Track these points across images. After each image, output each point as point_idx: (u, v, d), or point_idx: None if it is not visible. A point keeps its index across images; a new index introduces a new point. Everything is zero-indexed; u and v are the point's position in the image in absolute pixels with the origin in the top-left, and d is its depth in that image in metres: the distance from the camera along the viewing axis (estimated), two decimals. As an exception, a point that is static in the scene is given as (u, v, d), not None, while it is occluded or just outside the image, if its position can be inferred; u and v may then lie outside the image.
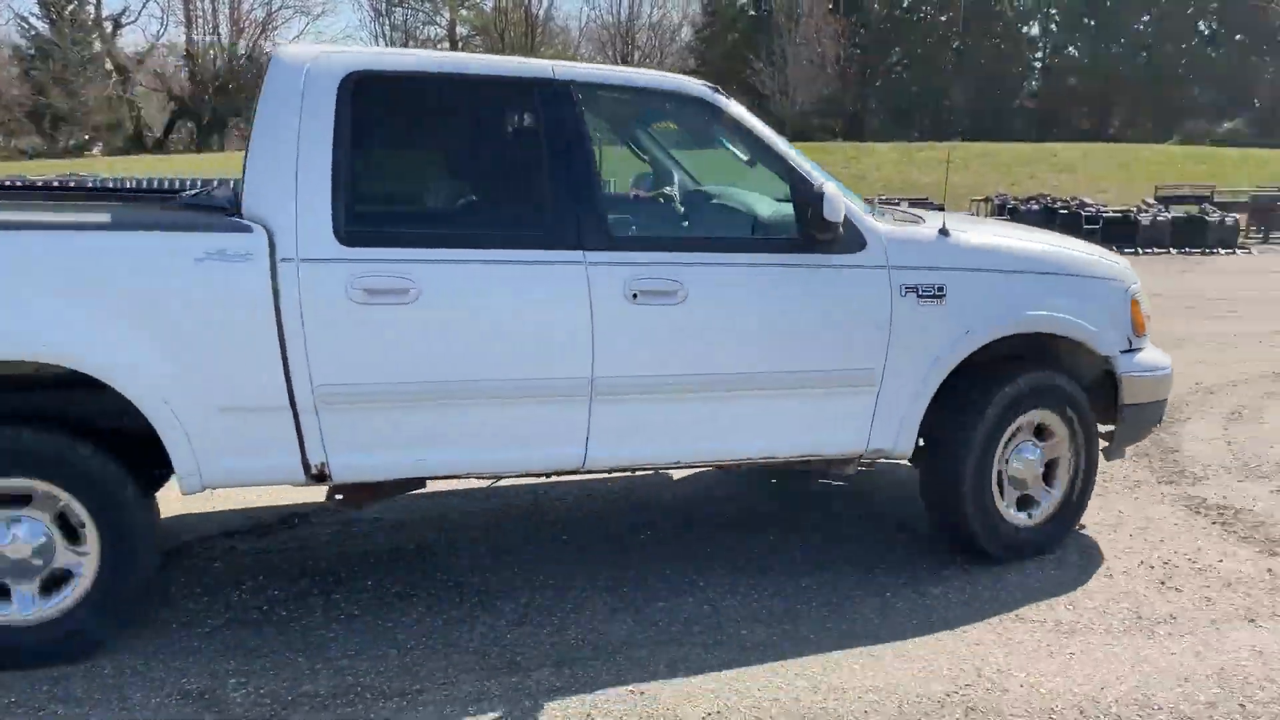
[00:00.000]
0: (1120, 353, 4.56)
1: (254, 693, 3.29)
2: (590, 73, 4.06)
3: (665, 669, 3.48)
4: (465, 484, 5.45)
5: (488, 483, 4.98)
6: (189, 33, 53.63)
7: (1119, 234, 20.54)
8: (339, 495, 3.92)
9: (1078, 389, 4.54)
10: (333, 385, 3.54)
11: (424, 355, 3.62)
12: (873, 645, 3.69)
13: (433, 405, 3.67)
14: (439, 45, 61.21)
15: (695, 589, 4.15)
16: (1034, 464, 4.52)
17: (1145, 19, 66.94)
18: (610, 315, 3.78)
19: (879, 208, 4.44)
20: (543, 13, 62.19)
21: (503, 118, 4.08)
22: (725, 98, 4.20)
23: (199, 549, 4.51)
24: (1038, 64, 70.40)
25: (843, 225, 4.01)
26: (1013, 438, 4.47)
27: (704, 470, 5.74)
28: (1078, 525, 4.78)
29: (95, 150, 45.89)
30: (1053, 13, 69.28)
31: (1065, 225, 19.51)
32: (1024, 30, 69.69)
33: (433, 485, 5.41)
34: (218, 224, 3.49)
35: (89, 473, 3.40)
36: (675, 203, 4.59)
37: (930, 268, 4.20)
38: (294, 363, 3.49)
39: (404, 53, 4.15)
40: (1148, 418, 4.74)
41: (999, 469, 4.43)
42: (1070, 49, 69.19)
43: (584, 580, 4.22)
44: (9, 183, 5.14)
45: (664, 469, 4.50)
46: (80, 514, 3.42)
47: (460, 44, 60.49)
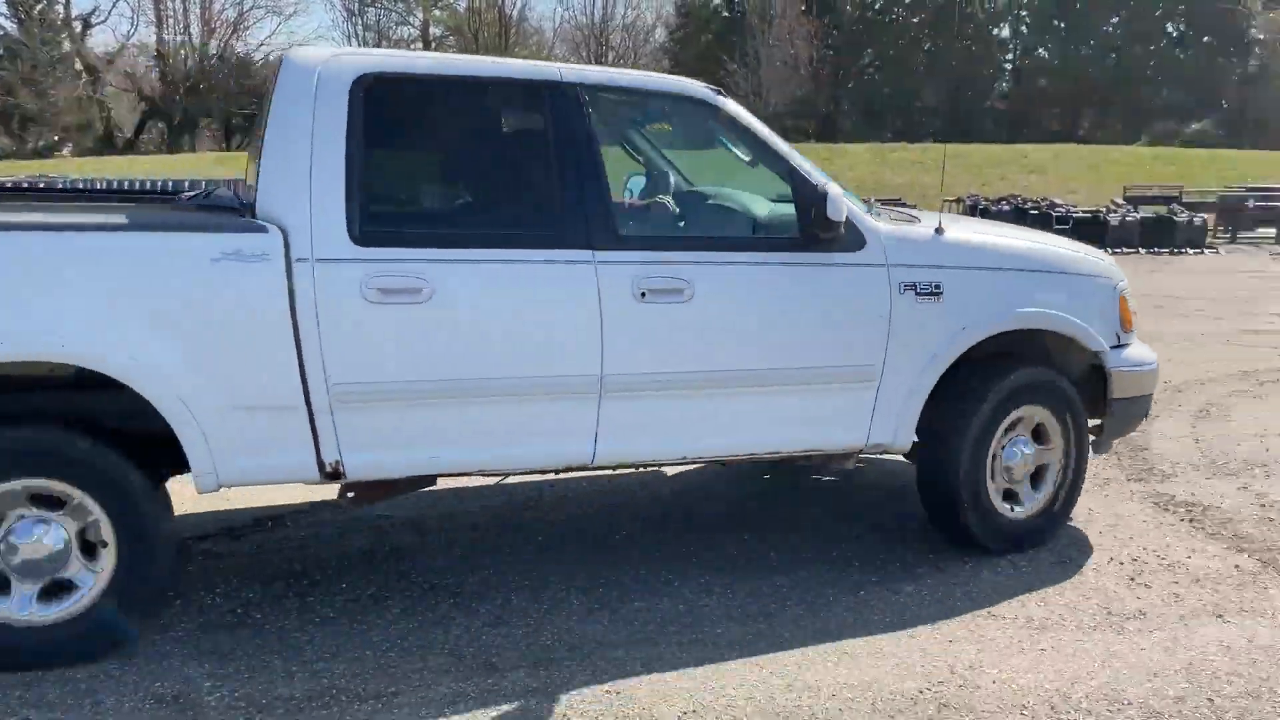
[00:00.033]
0: (1110, 348, 4.66)
1: (228, 696, 3.27)
2: (597, 75, 4.14)
3: (641, 668, 3.50)
4: (439, 486, 5.44)
5: (494, 480, 5.00)
6: (159, 32, 53.18)
7: (1088, 234, 20.68)
8: (351, 493, 3.95)
9: (1069, 384, 4.64)
10: (347, 384, 3.57)
11: (437, 354, 3.67)
12: (847, 643, 3.71)
13: (445, 403, 3.72)
14: (412, 45, 60.95)
15: (671, 589, 4.16)
16: (1027, 458, 4.61)
17: (1114, 21, 67.53)
18: (619, 314, 3.84)
19: (875, 207, 4.53)
20: (516, 13, 62.07)
21: (512, 119, 4.15)
22: (727, 99, 4.28)
23: (172, 552, 4.48)
24: (1008, 65, 70.88)
25: (843, 225, 4.09)
26: (1007, 432, 4.56)
27: (679, 470, 5.76)
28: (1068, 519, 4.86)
29: (65, 151, 45.42)
30: (1023, 15, 69.80)
31: (1035, 225, 19.65)
32: (995, 32, 70.13)
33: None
34: (233, 224, 3.53)
35: (106, 473, 3.41)
36: (679, 203, 4.63)
37: (927, 266, 4.29)
38: (309, 362, 3.52)
39: (414, 55, 4.22)
40: (1135, 411, 4.86)
41: (993, 463, 4.52)
42: (1040, 51, 69.72)
43: (560, 581, 4.22)
44: (7, 184, 5.11)
45: (670, 465, 4.60)
46: (96, 513, 3.42)
47: (434, 44, 60.25)
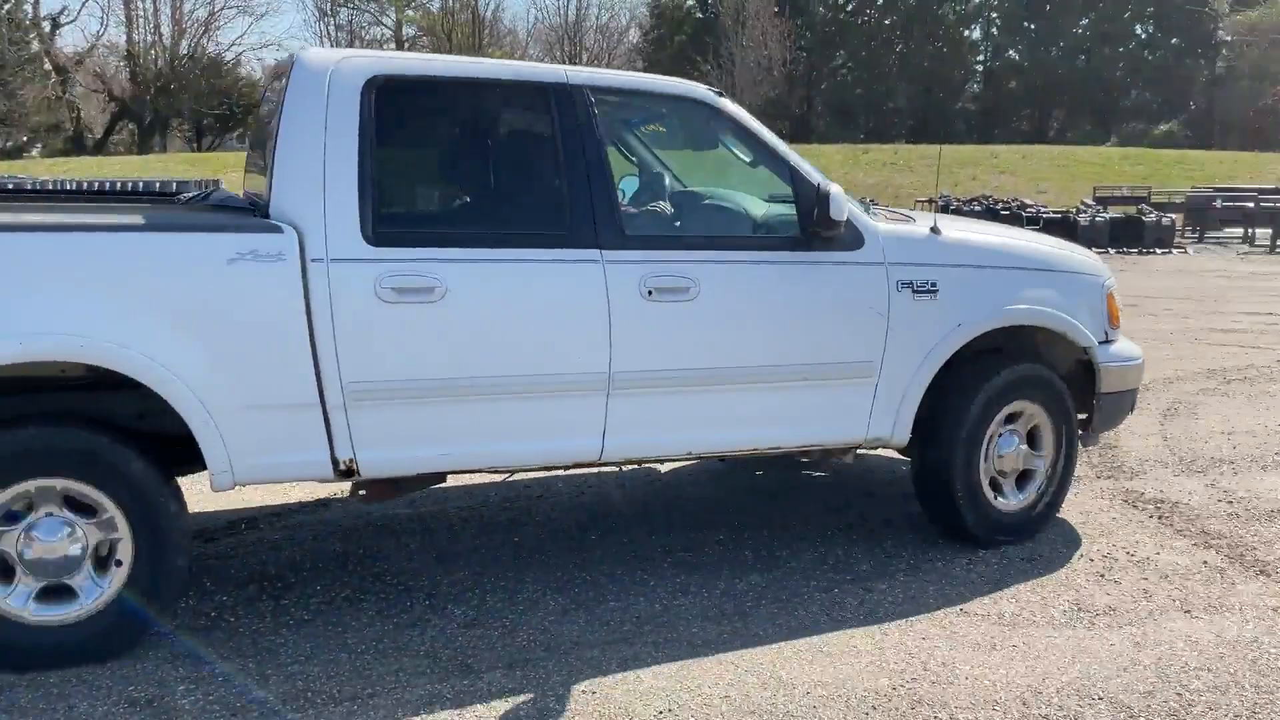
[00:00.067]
0: (1098, 344, 4.77)
1: (203, 699, 3.26)
2: (602, 77, 4.22)
3: (617, 668, 3.51)
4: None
5: (501, 477, 4.99)
6: (129, 32, 52.69)
7: (1058, 234, 20.68)
8: (363, 490, 3.99)
9: (1058, 379, 4.74)
10: (362, 382, 3.61)
11: (450, 353, 3.72)
12: (821, 640, 3.73)
13: (457, 401, 3.77)
14: (385, 45, 60.71)
15: (647, 588, 4.18)
16: (1019, 452, 4.71)
17: (1084, 23, 68.13)
18: (627, 312, 3.91)
19: (872, 207, 4.61)
20: (490, 14, 61.94)
21: (520, 121, 4.21)
22: (728, 101, 4.36)
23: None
24: (979, 67, 71.38)
25: (844, 224, 4.17)
26: (999, 427, 4.65)
27: (653, 470, 5.78)
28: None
29: (34, 152, 44.98)
30: (994, 17, 70.33)
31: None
32: (965, 34, 70.61)
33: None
34: (248, 225, 3.56)
35: (126, 472, 3.42)
36: (675, 203, 4.67)
37: (924, 264, 4.39)
38: (323, 361, 3.55)
39: (423, 57, 4.27)
40: (1122, 405, 4.99)
41: (987, 457, 4.62)
42: (1010, 52, 70.25)
43: (535, 582, 4.23)
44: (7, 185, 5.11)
45: (675, 460, 4.66)
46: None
47: (406, 44, 60.02)
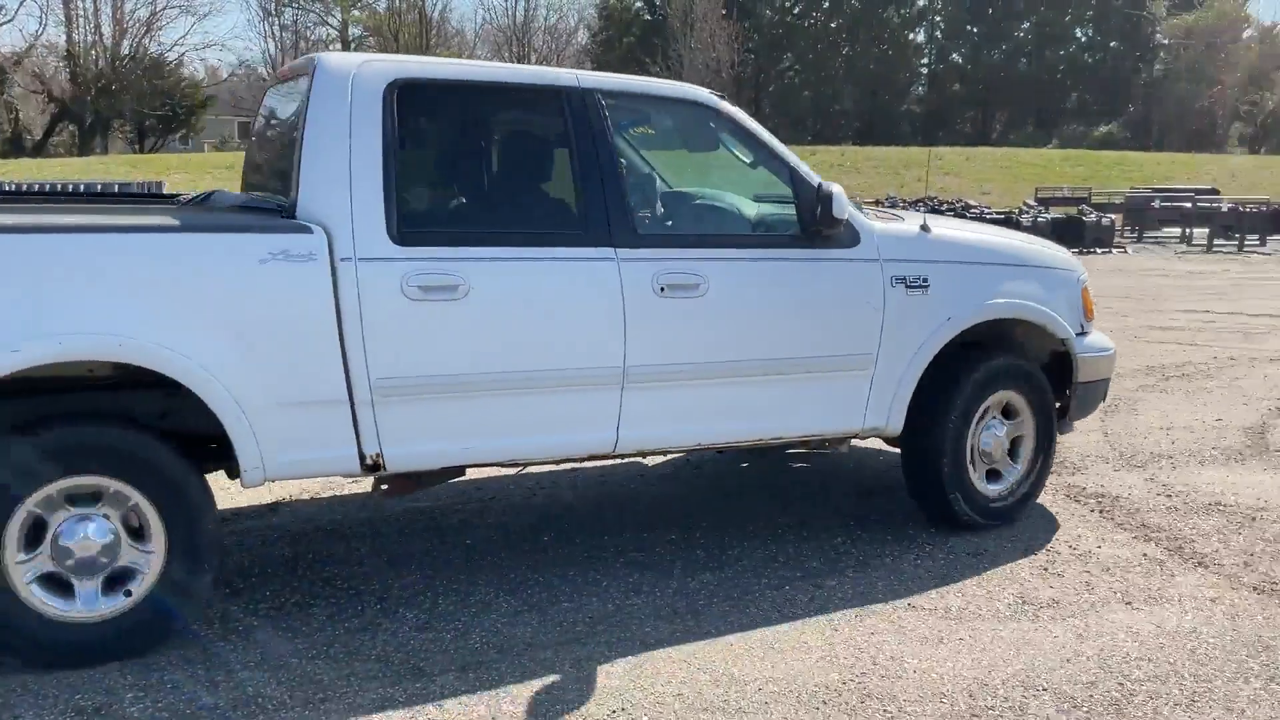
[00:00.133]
0: (1075, 335, 4.99)
1: (151, 707, 3.21)
2: (610, 81, 4.33)
3: (570, 668, 3.51)
4: (363, 490, 5.41)
5: (515, 470, 5.02)
6: (69, 32, 51.79)
7: (1003, 235, 21.20)
8: (384, 486, 4.05)
9: (1039, 371, 4.95)
10: (389, 379, 3.69)
11: (473, 349, 3.82)
12: (772, 638, 3.77)
13: (480, 396, 3.87)
14: (331, 46, 60.16)
15: (599, 589, 4.19)
16: (1002, 439, 4.91)
17: (1025, 26, 69.22)
18: (640, 308, 4.04)
19: (863, 207, 4.76)
20: (437, 14, 61.61)
21: (534, 123, 4.31)
22: (730, 105, 4.50)
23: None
24: (924, 70, 72.22)
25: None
26: (983, 416, 4.83)
27: (605, 470, 5.79)
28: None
29: (-31, 153, 43.96)
30: (937, 20, 71.19)
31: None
32: (910, 37, 71.42)
33: (332, 493, 5.38)
34: (279, 225, 3.62)
35: (163, 470, 3.46)
36: (667, 203, 4.74)
37: (915, 261, 4.59)
38: (352, 358, 3.63)
39: (439, 61, 4.37)
40: (1096, 394, 5.25)
41: (973, 445, 4.81)
42: (954, 55, 71.21)
43: (487, 584, 4.22)
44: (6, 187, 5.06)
45: (685, 451, 4.78)
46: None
47: (353, 45, 59.53)
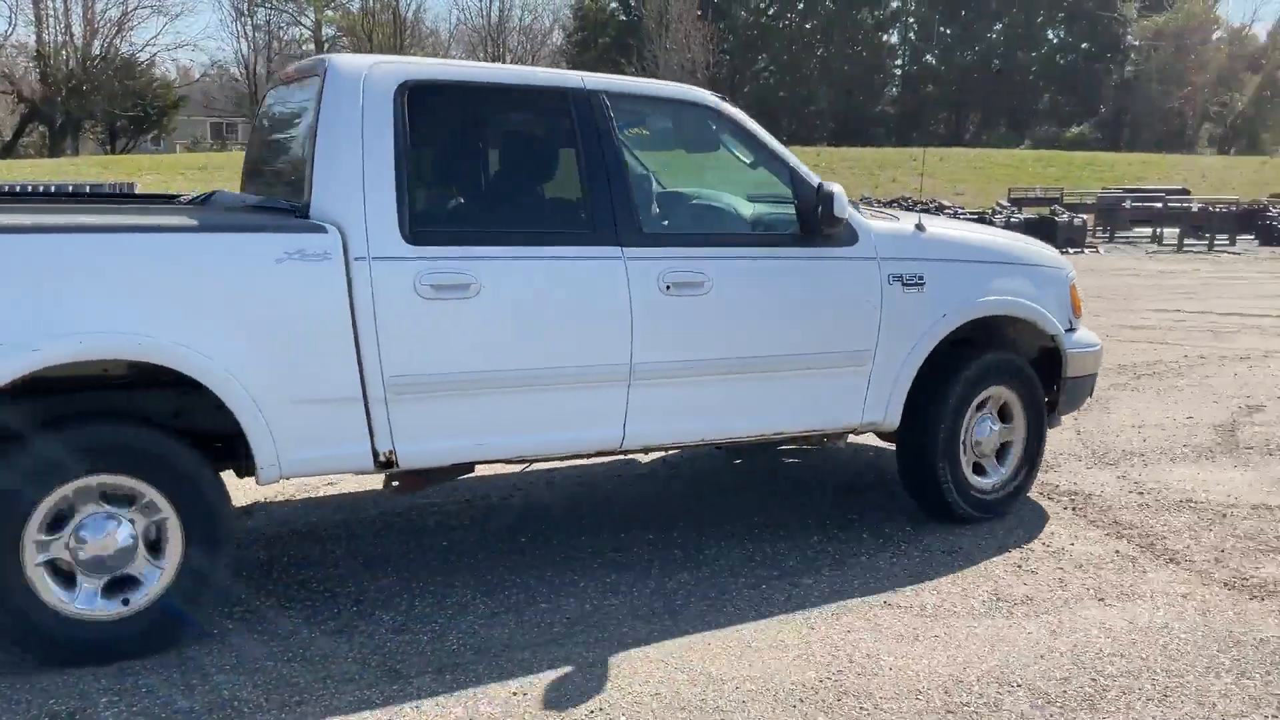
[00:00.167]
0: (1064, 332, 5.10)
1: (126, 711, 3.19)
2: (614, 83, 4.38)
3: (548, 669, 3.51)
4: (336, 491, 5.39)
5: (520, 467, 5.05)
6: (39, 32, 51.26)
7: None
8: (395, 483, 4.10)
9: (1029, 366, 5.06)
10: (402, 376, 3.74)
11: (484, 347, 3.87)
12: (750, 636, 3.78)
13: (491, 393, 3.93)
14: (303, 46, 59.87)
15: (576, 589, 4.19)
16: (995, 434, 5.04)
17: (998, 28, 69.64)
18: (646, 306, 4.11)
19: (859, 206, 4.83)
20: (411, 14, 61.41)
21: (542, 123, 4.36)
22: (732, 106, 4.56)
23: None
24: (897, 71, 72.56)
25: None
26: (976, 411, 4.92)
27: (583, 470, 5.79)
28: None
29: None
30: (911, 22, 71.55)
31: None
32: (884, 38, 71.74)
33: (307, 495, 5.35)
34: (294, 225, 3.66)
35: (183, 469, 3.50)
36: (662, 203, 4.76)
37: (911, 259, 4.70)
38: (366, 356, 3.68)
39: (447, 63, 4.43)
40: (1084, 389, 5.37)
41: (966, 439, 4.93)
42: (928, 57, 71.57)
43: (464, 586, 4.22)
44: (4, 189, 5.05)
45: (689, 447, 4.83)
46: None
47: (326, 45, 59.27)
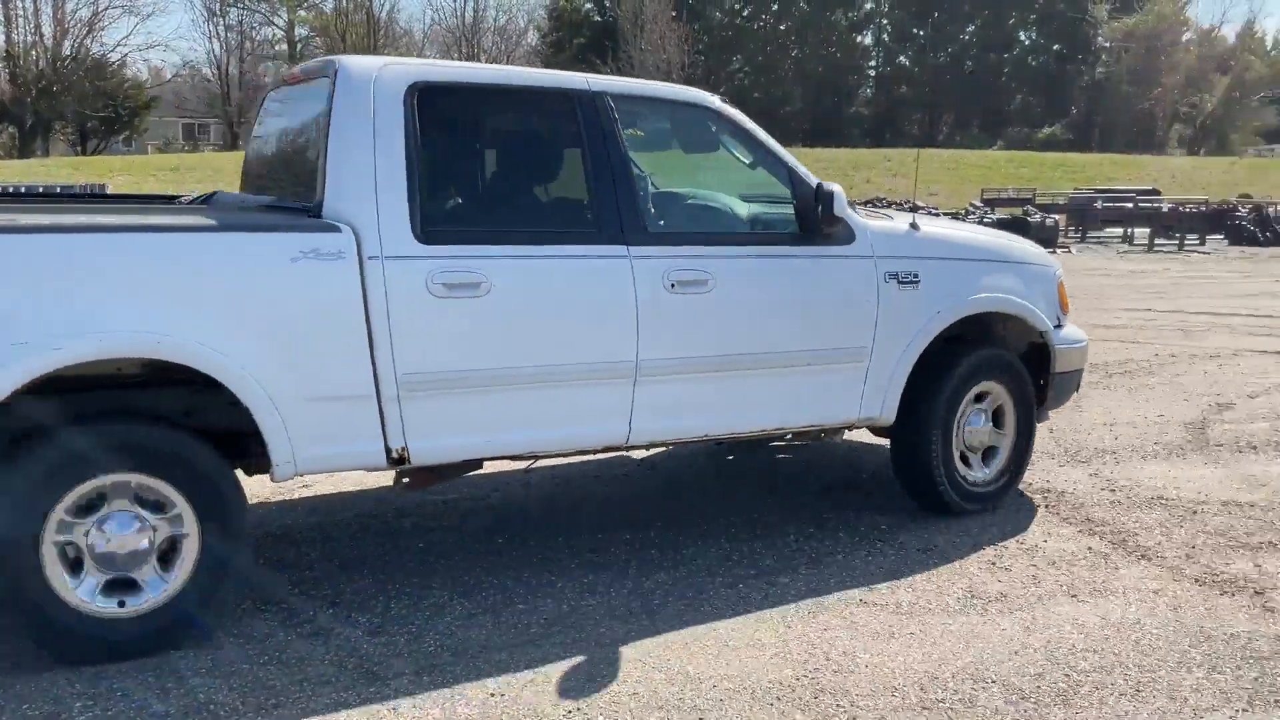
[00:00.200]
0: (1053, 328, 5.26)
1: (101, 716, 3.17)
2: (618, 84, 4.46)
3: (525, 670, 3.51)
4: (312, 494, 5.37)
5: (523, 465, 5.07)
6: (9, 33, 50.71)
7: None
8: (405, 479, 4.16)
9: (1019, 362, 5.17)
10: (414, 374, 3.79)
11: (494, 344, 3.93)
12: (727, 635, 3.79)
13: (500, 390, 3.99)
14: (276, 46, 59.53)
15: (554, 590, 4.19)
16: (986, 429, 5.17)
17: (970, 29, 70.03)
18: (652, 303, 4.18)
19: (855, 206, 4.91)
20: (385, 14, 61.16)
21: (548, 124, 4.41)
22: (732, 108, 4.63)
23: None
24: (871, 72, 72.86)
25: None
26: (968, 406, 5.04)
27: (560, 470, 5.79)
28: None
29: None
30: (884, 23, 71.87)
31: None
32: (858, 39, 72.01)
33: (282, 498, 5.32)
34: (309, 224, 3.70)
35: (201, 467, 3.55)
36: (658, 203, 4.79)
37: (906, 257, 4.80)
38: (379, 353, 3.73)
39: (454, 65, 4.51)
40: (1072, 384, 5.51)
41: (959, 433, 5.05)
42: (901, 58, 71.90)
43: (441, 587, 4.21)
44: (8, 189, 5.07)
45: (693, 442, 4.92)
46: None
47: (299, 45, 58.96)
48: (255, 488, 5.18)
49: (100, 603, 3.44)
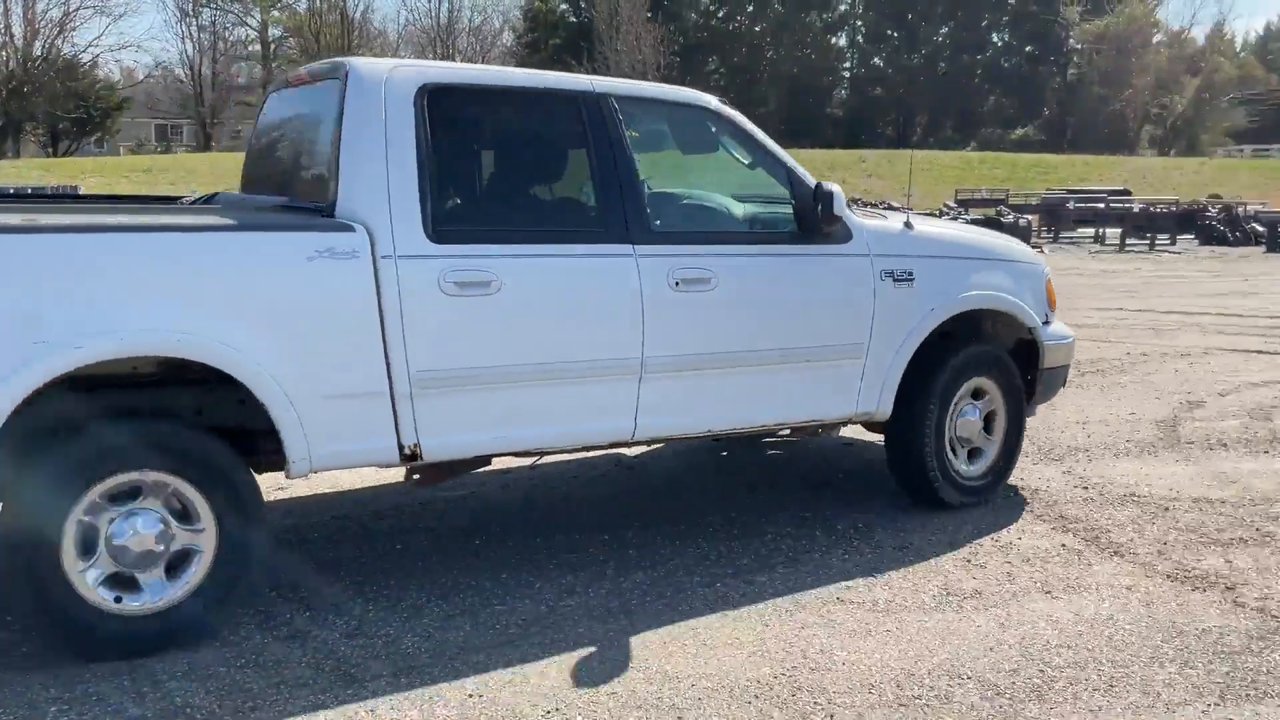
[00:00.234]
0: (1041, 325, 5.38)
1: (75, 721, 3.15)
2: (621, 86, 4.53)
3: (504, 670, 3.51)
4: (289, 496, 5.34)
5: (529, 461, 5.07)
6: (-22, 34, 50.13)
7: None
8: (416, 475, 4.21)
9: (1009, 357, 5.26)
10: (427, 371, 3.84)
11: (504, 342, 3.98)
12: (705, 634, 3.81)
13: (510, 387, 4.04)
14: (249, 46, 59.16)
15: (532, 591, 4.19)
16: (977, 423, 5.27)
17: (944, 31, 70.40)
18: (657, 301, 4.25)
19: (851, 206, 4.97)
20: (359, 14, 60.90)
21: (555, 125, 4.45)
22: (732, 109, 4.70)
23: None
24: (846, 74, 73.14)
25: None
26: (960, 401, 5.12)
27: (536, 471, 5.79)
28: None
29: None
30: (859, 25, 72.16)
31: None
32: (833, 41, 72.27)
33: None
34: (324, 224, 3.74)
35: (216, 465, 3.59)
36: (655, 203, 4.80)
37: (901, 255, 4.90)
38: (393, 351, 3.78)
39: (462, 67, 4.59)
40: (1059, 379, 5.63)
41: (950, 428, 5.15)
42: (875, 59, 72.21)
43: (419, 589, 4.20)
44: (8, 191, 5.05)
45: (697, 438, 4.99)
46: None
47: (273, 45, 58.63)
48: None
49: (101, 592, 3.45)
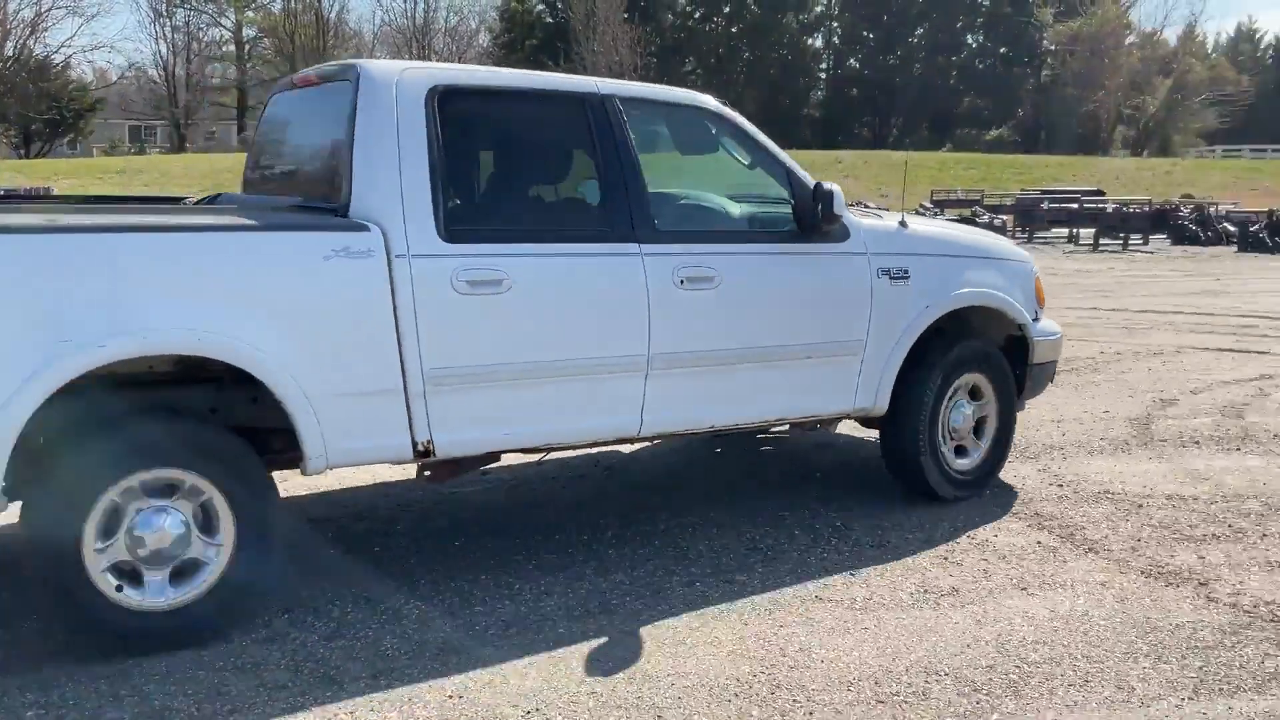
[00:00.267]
0: (1031, 321, 5.49)
1: (51, 725, 3.13)
2: (624, 88, 4.62)
3: (484, 671, 3.52)
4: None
5: (537, 458, 5.11)
6: (-53, 34, 49.63)
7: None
8: (428, 472, 4.23)
9: (1000, 354, 5.36)
10: (440, 369, 3.89)
11: (515, 339, 4.05)
12: (684, 633, 3.82)
13: (520, 385, 4.10)
14: (223, 47, 58.81)
15: (512, 592, 4.20)
16: (969, 418, 5.36)
17: (919, 33, 70.74)
18: (662, 299, 4.32)
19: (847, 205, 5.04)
20: (334, 15, 60.63)
21: (561, 126, 4.49)
22: (731, 110, 4.78)
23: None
24: (822, 75, 73.40)
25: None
26: (953, 396, 5.21)
27: (516, 472, 5.79)
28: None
29: None
30: (835, 26, 72.42)
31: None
32: (809, 42, 72.50)
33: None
34: (339, 224, 3.79)
35: (234, 462, 3.63)
36: (654, 203, 4.81)
37: (897, 254, 5.00)
38: (407, 349, 3.83)
39: (470, 69, 4.63)
40: (1047, 375, 5.76)
41: (944, 422, 5.26)
42: (852, 61, 72.49)
43: (399, 590, 4.19)
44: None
45: (701, 434, 5.07)
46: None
47: (247, 46, 58.29)
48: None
49: (108, 578, 3.47)
